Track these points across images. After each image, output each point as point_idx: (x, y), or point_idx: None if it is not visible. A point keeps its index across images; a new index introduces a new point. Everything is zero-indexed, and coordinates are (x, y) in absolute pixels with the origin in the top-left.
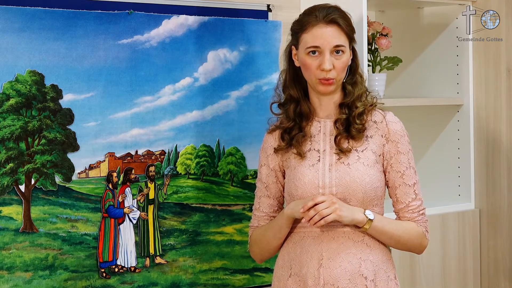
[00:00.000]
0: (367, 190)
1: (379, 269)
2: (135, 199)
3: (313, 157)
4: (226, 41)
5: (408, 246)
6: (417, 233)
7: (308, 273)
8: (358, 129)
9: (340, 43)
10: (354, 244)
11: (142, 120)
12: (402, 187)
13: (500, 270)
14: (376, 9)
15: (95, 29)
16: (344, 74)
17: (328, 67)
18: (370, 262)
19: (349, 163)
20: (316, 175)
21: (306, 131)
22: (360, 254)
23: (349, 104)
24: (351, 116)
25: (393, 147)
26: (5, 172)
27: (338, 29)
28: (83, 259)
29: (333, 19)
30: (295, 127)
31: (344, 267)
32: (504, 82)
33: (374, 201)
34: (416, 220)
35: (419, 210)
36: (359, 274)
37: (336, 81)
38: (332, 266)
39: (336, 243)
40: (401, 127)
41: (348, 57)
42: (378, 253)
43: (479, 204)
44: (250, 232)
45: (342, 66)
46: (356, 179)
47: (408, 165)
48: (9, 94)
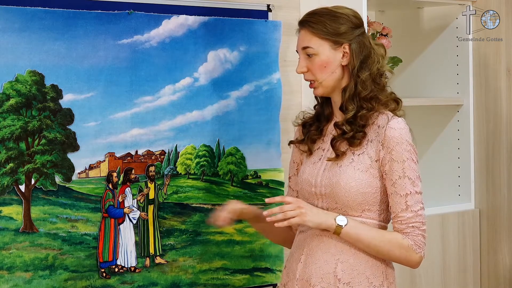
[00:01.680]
0: (351, 194)
1: (358, 273)
2: (135, 199)
3: (317, 155)
4: (226, 41)
5: (391, 257)
6: (399, 245)
7: (291, 267)
8: (351, 136)
9: (307, 45)
10: (335, 244)
11: (142, 120)
12: (393, 196)
13: (500, 270)
14: (376, 9)
15: (95, 29)
16: (327, 75)
17: (299, 69)
18: (349, 265)
19: (341, 166)
20: (312, 173)
21: (324, 131)
22: (339, 255)
23: (342, 108)
24: (345, 121)
25: (387, 154)
26: (5, 172)
27: (306, 31)
28: (83, 259)
29: (303, 21)
30: (314, 124)
31: (319, 266)
32: (504, 82)
33: (363, 206)
34: (404, 232)
35: (409, 222)
36: (333, 275)
37: (318, 83)
38: (309, 263)
39: (317, 241)
40: (399, 134)
41: (326, 59)
42: (361, 257)
43: (479, 204)
44: None
45: (315, 67)
46: (340, 181)
47: (402, 174)
48: (9, 94)
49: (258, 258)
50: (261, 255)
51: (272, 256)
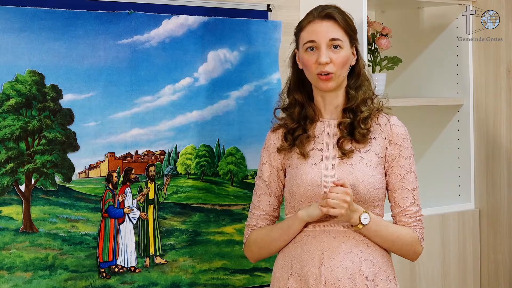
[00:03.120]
0: (369, 190)
1: (379, 269)
2: (135, 199)
3: (316, 156)
4: (226, 41)
5: (401, 251)
6: (412, 239)
7: (309, 272)
8: (362, 134)
9: (337, 36)
10: (355, 243)
11: (142, 120)
12: (401, 191)
13: (500, 270)
14: (376, 9)
15: (95, 29)
16: (345, 71)
17: (324, 60)
18: (370, 262)
19: (352, 163)
20: (319, 174)
21: (310, 132)
22: (361, 254)
23: (354, 108)
24: (355, 120)
25: (395, 150)
26: (5, 172)
27: (334, 23)
28: (83, 259)
29: (328, 13)
30: (299, 128)
31: (346, 266)
32: (504, 82)
33: (375, 202)
34: (412, 226)
35: (416, 216)
36: (360, 274)
37: (335, 76)
38: (334, 265)
39: (337, 242)
40: (405, 131)
41: (348, 54)
42: (378, 253)
43: (479, 204)
44: (247, 231)
45: (340, 61)
46: (359, 179)
47: (409, 170)
48: (9, 94)
49: None
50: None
51: (272, 256)
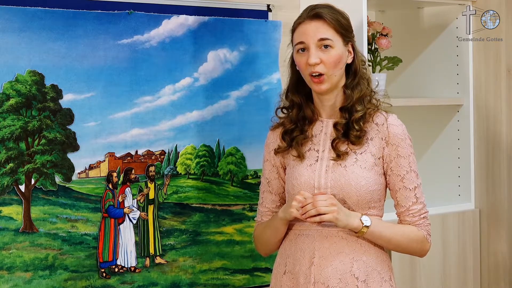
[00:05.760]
0: (361, 193)
1: (372, 270)
2: (135, 199)
3: (312, 157)
4: (226, 41)
5: (408, 250)
6: (417, 237)
7: (300, 271)
8: (356, 136)
9: (325, 36)
10: (347, 244)
11: (142, 120)
12: (402, 191)
13: (500, 270)
14: (376, 9)
15: (95, 29)
16: (337, 70)
17: (313, 60)
18: (362, 263)
19: (346, 165)
20: (313, 175)
21: (308, 132)
22: (353, 254)
23: (349, 108)
24: (350, 121)
25: (393, 151)
26: (5, 172)
27: (323, 23)
28: (83, 259)
29: (317, 13)
30: (296, 129)
31: (335, 267)
32: (504, 82)
33: (370, 203)
34: (417, 224)
35: (420, 214)
36: (350, 274)
37: (327, 77)
38: (324, 265)
39: (329, 242)
40: (402, 130)
41: (340, 54)
42: (372, 254)
43: (479, 204)
44: (255, 226)
45: (331, 60)
46: (351, 181)
47: (408, 169)
48: (9, 94)
49: (258, 258)
50: (261, 255)
51: (272, 256)
